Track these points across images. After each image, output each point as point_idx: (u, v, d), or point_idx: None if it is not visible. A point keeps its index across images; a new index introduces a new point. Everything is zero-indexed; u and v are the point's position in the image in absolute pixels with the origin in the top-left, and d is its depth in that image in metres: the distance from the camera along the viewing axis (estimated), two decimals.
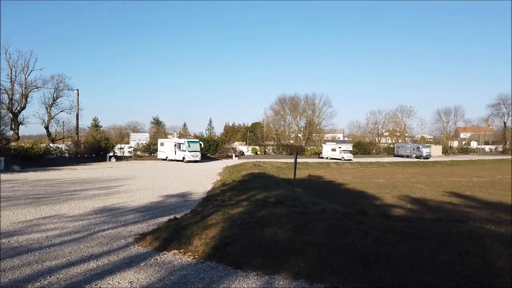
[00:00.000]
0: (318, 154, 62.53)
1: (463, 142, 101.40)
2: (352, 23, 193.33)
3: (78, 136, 47.86)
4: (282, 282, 4.87)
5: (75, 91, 47.41)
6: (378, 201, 18.72)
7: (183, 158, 44.30)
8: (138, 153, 49.45)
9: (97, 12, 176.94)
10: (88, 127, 76.96)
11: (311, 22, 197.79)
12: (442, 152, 79.18)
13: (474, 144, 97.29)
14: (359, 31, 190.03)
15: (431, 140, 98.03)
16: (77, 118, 47.45)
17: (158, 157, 48.22)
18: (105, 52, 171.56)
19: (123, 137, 69.28)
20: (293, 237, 6.31)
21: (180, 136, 66.61)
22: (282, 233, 6.59)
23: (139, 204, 12.95)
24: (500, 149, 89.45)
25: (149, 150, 50.62)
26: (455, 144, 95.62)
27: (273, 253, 5.71)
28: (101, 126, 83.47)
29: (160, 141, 50.03)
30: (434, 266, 4.79)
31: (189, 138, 52.82)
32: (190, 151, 44.31)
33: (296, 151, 55.39)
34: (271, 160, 49.58)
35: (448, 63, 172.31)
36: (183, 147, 44.71)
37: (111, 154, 46.72)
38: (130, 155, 49.08)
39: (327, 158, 57.51)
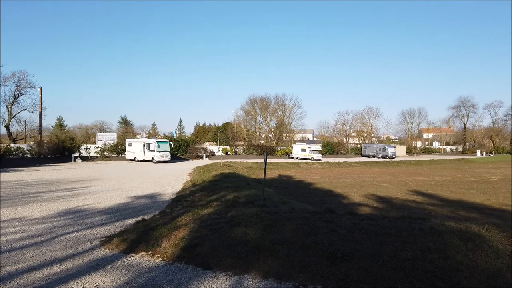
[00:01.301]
0: (288, 154, 63.12)
1: (426, 143, 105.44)
2: (320, 24, 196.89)
3: (41, 136, 45.95)
4: (251, 282, 4.90)
5: (38, 89, 45.56)
6: (346, 200, 19.14)
7: (152, 158, 43.54)
8: (105, 153, 48.10)
9: (62, 8, 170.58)
10: (52, 126, 74.09)
11: (280, 23, 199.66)
12: (407, 152, 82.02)
13: (436, 145, 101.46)
14: (327, 33, 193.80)
15: (396, 140, 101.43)
16: (40, 117, 45.62)
17: (126, 157, 47.12)
18: (70, 50, 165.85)
19: (89, 137, 67.15)
20: (262, 237, 6.36)
21: (149, 136, 65.33)
22: (252, 233, 6.63)
23: (105, 206, 12.61)
24: (460, 149, 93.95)
25: (117, 151, 49.38)
26: (418, 144, 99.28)
27: (243, 253, 5.74)
28: (66, 126, 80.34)
29: (128, 141, 48.88)
30: (397, 262, 4.96)
31: (158, 138, 51.89)
32: (160, 152, 43.59)
33: (266, 151, 55.69)
34: (242, 160, 49.59)
35: (412, 65, 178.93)
36: (152, 147, 43.93)
37: (76, 154, 45.21)
38: (96, 155, 47.65)
39: (297, 158, 58.18)
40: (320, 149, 61.52)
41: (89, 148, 48.53)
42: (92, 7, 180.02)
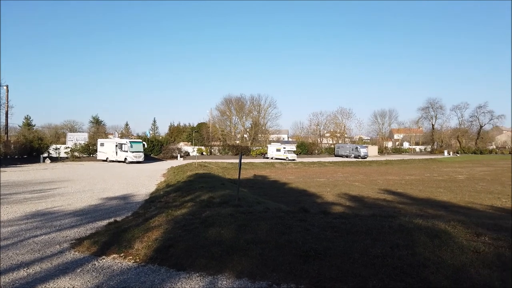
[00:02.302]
0: (263, 154, 63.36)
1: (397, 143, 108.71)
2: (295, 24, 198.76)
3: (7, 136, 43.98)
4: (225, 282, 4.90)
5: (4, 87, 43.63)
6: (320, 199, 19.43)
7: (125, 159, 42.67)
8: (76, 154, 46.63)
9: (29, 6, 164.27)
10: (19, 126, 71.45)
11: (255, 24, 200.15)
12: (378, 152, 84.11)
13: (406, 145, 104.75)
14: (301, 33, 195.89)
15: (368, 140, 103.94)
16: (7, 116, 43.68)
17: (98, 158, 45.93)
18: (39, 47, 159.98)
19: (59, 137, 65.19)
20: (237, 237, 6.37)
21: (122, 136, 63.98)
22: (226, 233, 6.63)
23: (76, 208, 12.27)
24: (429, 149, 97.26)
25: (88, 151, 48.05)
26: (389, 144, 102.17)
27: (217, 253, 5.73)
28: (34, 125, 77.57)
29: (100, 141, 47.66)
30: (368, 259, 5.09)
31: (131, 138, 50.92)
32: (133, 152, 42.76)
33: (241, 151, 55.63)
34: (217, 160, 49.38)
35: (383, 67, 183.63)
36: (125, 147, 43.05)
37: (45, 155, 43.64)
38: (66, 156, 46.12)
39: (272, 158, 58.47)
40: (295, 149, 62.15)
41: (58, 149, 46.91)
42: (60, 6, 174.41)
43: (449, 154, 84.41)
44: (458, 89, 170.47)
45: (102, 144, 46.25)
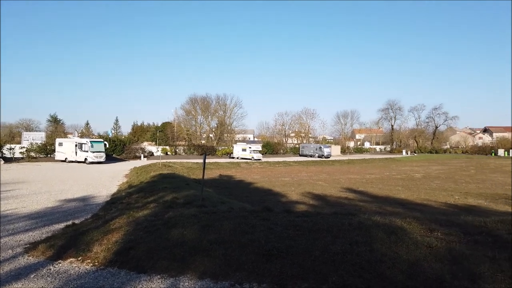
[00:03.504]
0: (229, 154, 63.19)
1: (358, 143, 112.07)
2: (259, 23, 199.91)
3: None
4: (187, 283, 4.86)
5: None
6: (284, 198, 19.66)
7: (85, 159, 41.17)
8: (32, 154, 44.36)
9: None
10: None
11: (221, 23, 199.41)
12: (341, 152, 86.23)
13: (367, 144, 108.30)
14: (265, 33, 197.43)
15: (332, 140, 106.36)
16: None
17: (56, 158, 43.92)
18: None
19: (14, 136, 61.81)
20: (200, 237, 6.34)
21: (82, 135, 61.68)
22: (189, 234, 6.57)
23: (31, 211, 11.72)
24: (388, 149, 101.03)
25: (45, 151, 45.91)
26: (351, 144, 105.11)
27: (179, 254, 5.67)
28: None
29: (58, 140, 45.63)
30: (328, 256, 5.23)
31: (92, 138, 49.20)
32: (93, 152, 41.32)
33: (205, 151, 55.29)
34: (182, 160, 48.69)
35: (346, 68, 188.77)
36: (85, 147, 41.53)
37: None
38: (22, 156, 43.75)
39: (238, 158, 58.42)
40: (260, 149, 62.49)
41: (13, 149, 44.38)
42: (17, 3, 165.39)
43: (407, 154, 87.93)
44: (416, 91, 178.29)
45: (60, 144, 44.32)
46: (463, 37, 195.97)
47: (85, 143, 42.05)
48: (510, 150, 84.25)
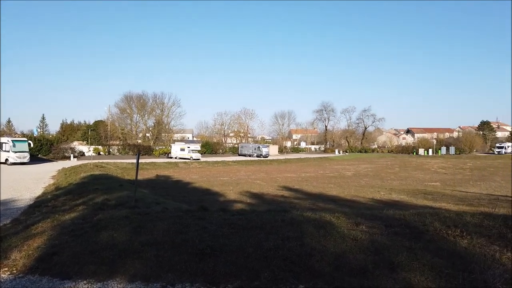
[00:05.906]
0: (167, 154, 61.77)
1: (295, 142, 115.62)
2: (200, 23, 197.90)
3: None
4: (116, 287, 4.67)
5: None
6: (222, 197, 19.70)
7: (6, 160, 37.88)
8: None
9: None
10: None
11: (158, 19, 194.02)
12: (278, 151, 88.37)
13: (303, 144, 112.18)
14: (203, 32, 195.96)
15: (270, 140, 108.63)
16: None
17: None
18: None
19: None
20: (131, 239, 6.12)
21: (3, 134, 56.20)
22: (120, 236, 6.32)
23: None
24: (322, 149, 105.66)
25: None
26: (288, 144, 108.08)
27: (108, 258, 5.42)
28: None
29: None
30: (261, 252, 5.33)
31: (15, 137, 45.21)
32: (16, 152, 38.04)
33: (139, 150, 53.44)
34: (116, 160, 46.52)
35: (282, 70, 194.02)
36: (6, 147, 38.20)
37: None
38: None
39: (176, 158, 57.24)
40: (199, 149, 61.82)
41: None
42: None
43: (339, 153, 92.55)
44: (348, 93, 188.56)
45: None
46: (390, 43, 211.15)
47: (6, 143, 38.73)
48: (430, 149, 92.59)
